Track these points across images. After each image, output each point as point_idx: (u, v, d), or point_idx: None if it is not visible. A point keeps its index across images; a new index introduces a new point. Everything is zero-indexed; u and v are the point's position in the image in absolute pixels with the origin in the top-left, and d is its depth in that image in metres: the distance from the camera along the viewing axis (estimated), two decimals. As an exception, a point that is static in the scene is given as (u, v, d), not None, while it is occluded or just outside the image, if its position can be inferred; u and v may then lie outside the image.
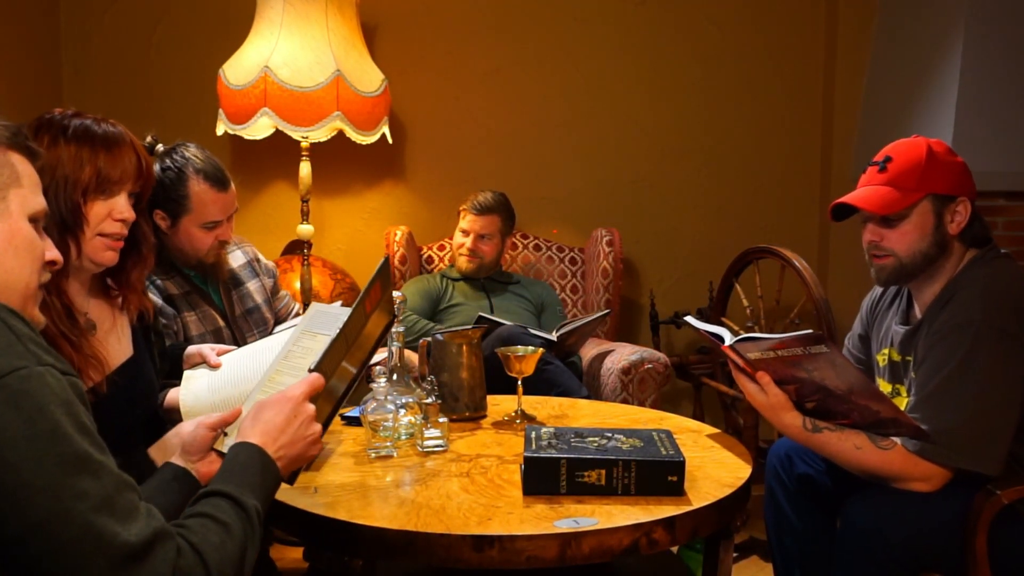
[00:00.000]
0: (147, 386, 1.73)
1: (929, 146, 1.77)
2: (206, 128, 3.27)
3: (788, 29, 3.74)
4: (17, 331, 0.96)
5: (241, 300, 2.42)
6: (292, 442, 1.27)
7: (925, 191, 1.74)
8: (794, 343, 1.60)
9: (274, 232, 3.55)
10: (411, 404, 1.82)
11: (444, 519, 1.41)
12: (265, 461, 1.22)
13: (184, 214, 2.19)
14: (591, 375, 2.97)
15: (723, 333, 1.75)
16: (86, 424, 0.96)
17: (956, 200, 1.75)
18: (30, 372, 0.93)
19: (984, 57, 3.14)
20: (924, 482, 1.65)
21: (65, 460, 0.91)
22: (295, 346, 1.55)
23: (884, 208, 1.75)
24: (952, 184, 1.75)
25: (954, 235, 1.77)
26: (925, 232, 1.75)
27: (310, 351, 1.50)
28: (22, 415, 0.90)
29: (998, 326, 1.64)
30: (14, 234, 1.05)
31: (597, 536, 1.37)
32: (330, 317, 1.58)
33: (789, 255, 2.92)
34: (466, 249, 3.20)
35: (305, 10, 3.05)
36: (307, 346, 1.53)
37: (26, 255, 1.06)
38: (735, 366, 1.76)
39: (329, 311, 1.63)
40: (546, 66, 3.66)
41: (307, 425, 1.29)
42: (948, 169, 1.76)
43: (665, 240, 3.77)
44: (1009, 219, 3.18)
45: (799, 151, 3.79)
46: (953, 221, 1.76)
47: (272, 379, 1.49)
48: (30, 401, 0.91)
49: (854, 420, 1.68)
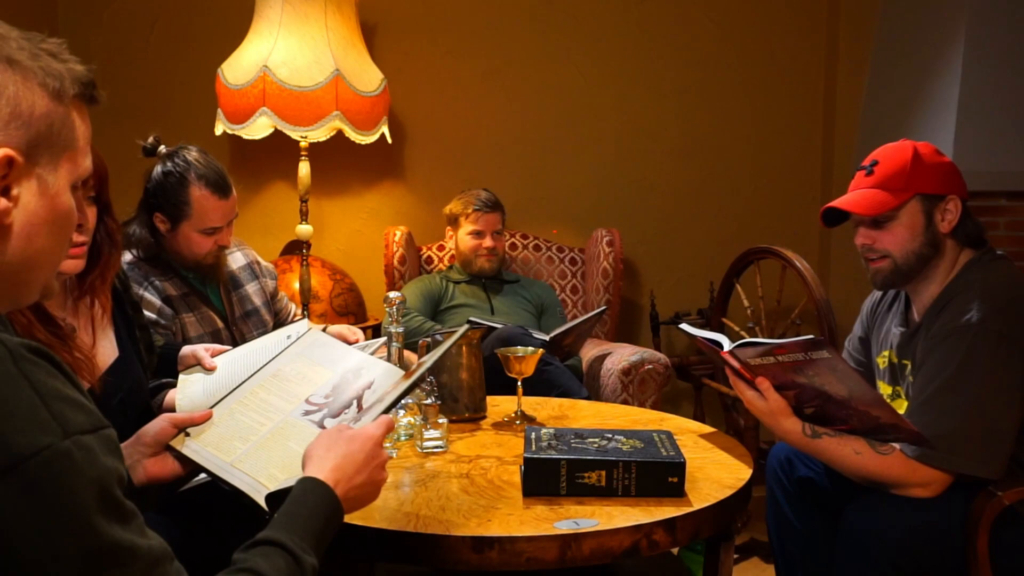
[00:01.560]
0: (137, 384, 1.72)
1: (915, 148, 1.78)
2: (205, 128, 3.26)
3: (789, 29, 3.74)
4: (40, 386, 0.77)
5: (240, 302, 2.41)
6: (364, 484, 1.17)
7: (913, 191, 1.75)
8: (795, 348, 1.59)
9: (273, 232, 3.54)
10: (410, 405, 1.82)
11: (444, 520, 1.40)
12: (335, 507, 1.12)
13: (184, 219, 2.19)
14: (591, 376, 2.96)
15: (721, 339, 1.75)
16: (116, 497, 0.80)
17: (945, 199, 1.76)
18: (53, 453, 0.76)
19: (985, 58, 3.13)
20: (923, 488, 1.64)
21: (91, 555, 0.77)
22: (288, 367, 1.50)
23: (871, 209, 1.76)
24: (940, 183, 1.76)
25: (946, 233, 1.77)
26: (916, 232, 1.76)
27: (307, 380, 1.47)
28: (42, 507, 0.75)
29: (996, 329, 1.64)
30: (54, 210, 0.87)
31: (597, 537, 1.36)
32: (331, 350, 1.54)
33: (790, 255, 2.92)
34: (485, 249, 3.15)
35: (304, 9, 3.04)
36: (304, 373, 1.49)
37: (61, 232, 0.89)
38: (732, 372, 1.75)
39: (333, 345, 1.58)
40: (546, 66, 3.66)
41: (380, 470, 1.20)
42: (935, 169, 1.77)
43: (666, 240, 3.76)
44: (1010, 219, 3.18)
45: (800, 151, 3.79)
46: (944, 220, 1.76)
47: (255, 393, 1.45)
48: (52, 489, 0.75)
49: (853, 426, 1.68)
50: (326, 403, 1.44)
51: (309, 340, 1.58)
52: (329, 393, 1.46)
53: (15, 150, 0.82)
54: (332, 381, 1.48)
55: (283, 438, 1.37)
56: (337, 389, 1.47)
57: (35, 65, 0.84)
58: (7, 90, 0.82)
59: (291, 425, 1.40)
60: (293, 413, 1.42)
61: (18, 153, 0.82)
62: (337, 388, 1.47)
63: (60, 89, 0.86)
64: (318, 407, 1.43)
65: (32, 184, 0.84)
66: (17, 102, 0.83)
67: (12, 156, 0.82)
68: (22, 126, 0.83)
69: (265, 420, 1.40)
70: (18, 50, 0.84)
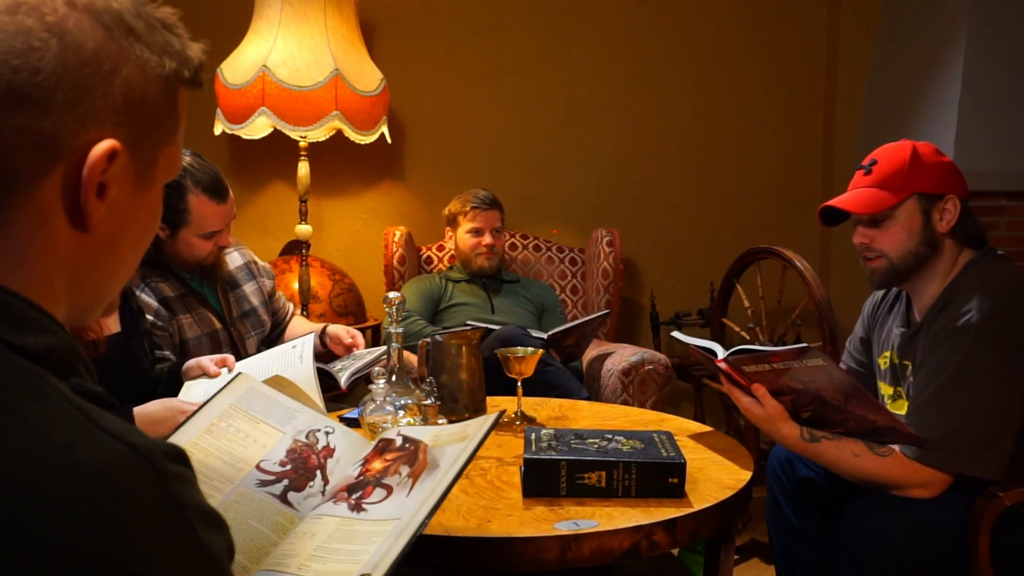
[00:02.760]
0: (137, 360, 1.74)
1: (914, 147, 1.77)
2: (203, 128, 3.25)
3: (790, 28, 3.73)
4: (188, 511, 0.62)
5: (238, 302, 2.41)
6: None
7: (911, 190, 1.74)
8: (789, 355, 1.59)
9: (272, 232, 3.53)
10: (410, 406, 1.81)
11: (443, 521, 1.39)
12: None
13: (183, 226, 2.19)
14: (591, 376, 2.95)
15: (714, 347, 1.74)
16: None
17: (944, 198, 1.75)
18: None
19: (986, 57, 3.13)
20: (924, 488, 1.64)
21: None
22: (223, 423, 1.30)
23: (868, 208, 1.76)
24: (938, 183, 1.75)
25: (944, 233, 1.76)
26: (913, 231, 1.75)
27: (252, 440, 1.29)
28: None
29: (996, 329, 1.63)
30: (145, 215, 0.73)
31: (597, 538, 1.36)
32: (273, 404, 1.36)
33: (791, 255, 2.91)
34: (484, 247, 3.14)
35: (303, 9, 3.04)
36: (246, 432, 1.30)
37: (146, 240, 0.76)
38: (728, 379, 1.74)
39: (273, 397, 1.39)
40: (546, 65, 3.65)
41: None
42: (934, 168, 1.76)
43: (666, 240, 3.75)
44: (1012, 219, 3.17)
45: (801, 151, 3.78)
46: (943, 219, 1.75)
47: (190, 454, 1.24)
48: None
49: (850, 429, 1.67)
50: (284, 472, 1.26)
51: (242, 389, 1.37)
52: (285, 460, 1.28)
53: (121, 142, 0.67)
54: (284, 444, 1.31)
55: (242, 515, 1.18)
56: (293, 455, 1.30)
57: (152, 39, 0.70)
58: (122, 71, 0.67)
59: (247, 499, 1.21)
60: (245, 483, 1.23)
61: (124, 146, 0.67)
62: (293, 454, 1.30)
63: (175, 72, 0.71)
64: (275, 476, 1.25)
65: (128, 184, 0.69)
66: (131, 85, 0.67)
67: (117, 149, 0.66)
68: (132, 114, 0.68)
69: (211, 491, 1.19)
70: (135, 17, 0.69)
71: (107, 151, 0.65)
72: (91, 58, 0.65)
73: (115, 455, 0.58)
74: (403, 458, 1.25)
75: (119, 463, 0.57)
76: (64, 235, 0.66)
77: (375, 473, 1.24)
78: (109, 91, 0.66)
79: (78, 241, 0.67)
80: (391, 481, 1.21)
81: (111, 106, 0.66)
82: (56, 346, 0.64)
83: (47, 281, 0.67)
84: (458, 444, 1.22)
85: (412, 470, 1.21)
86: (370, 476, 1.23)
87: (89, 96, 0.65)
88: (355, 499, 1.20)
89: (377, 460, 1.27)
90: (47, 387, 0.59)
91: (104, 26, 0.66)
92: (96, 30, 0.66)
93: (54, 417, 0.58)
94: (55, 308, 0.67)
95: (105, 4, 0.67)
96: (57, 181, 0.65)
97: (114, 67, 0.66)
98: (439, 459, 1.21)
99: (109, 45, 0.66)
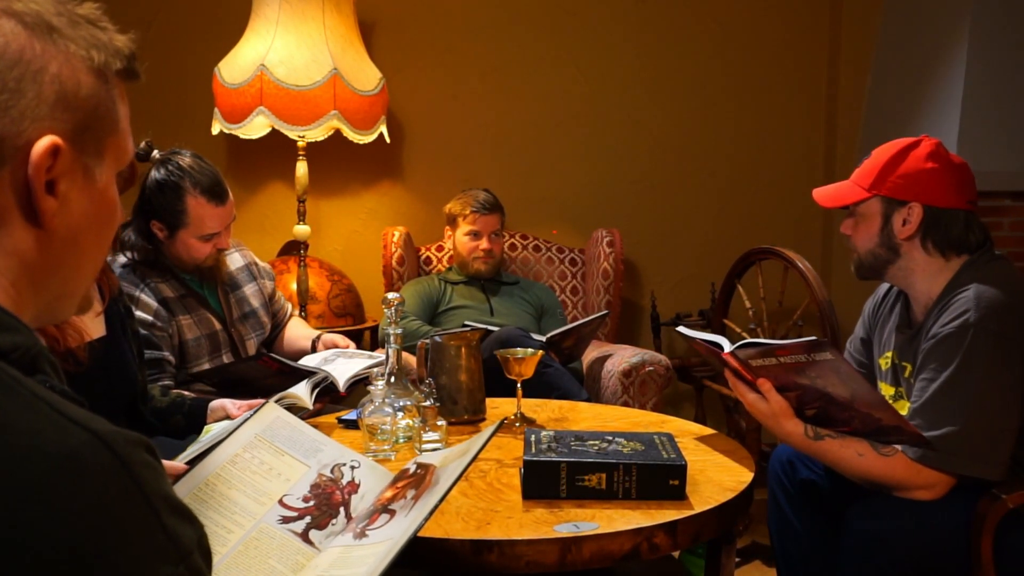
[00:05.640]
0: (123, 365, 1.72)
1: (906, 147, 1.76)
2: (201, 127, 3.24)
3: (791, 27, 3.72)
4: (153, 498, 0.63)
5: (239, 303, 2.40)
6: None
7: (875, 192, 1.77)
8: (797, 349, 1.58)
9: (271, 232, 3.52)
10: (409, 407, 1.80)
11: (442, 523, 1.38)
12: None
13: (182, 227, 2.18)
14: (591, 378, 2.94)
15: (720, 340, 1.73)
16: None
17: (907, 205, 1.74)
18: None
19: (989, 57, 3.12)
20: (927, 490, 1.63)
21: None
22: (247, 454, 1.28)
23: (832, 201, 1.83)
24: (905, 188, 1.74)
25: (902, 239, 1.76)
26: (872, 232, 1.79)
27: (276, 473, 1.26)
28: None
29: (994, 329, 1.62)
30: (103, 206, 0.75)
31: (598, 541, 1.35)
32: (299, 435, 1.33)
33: (792, 256, 2.90)
34: (482, 251, 3.13)
35: (302, 8, 3.02)
36: (271, 464, 1.27)
37: (108, 231, 0.78)
38: (733, 374, 1.73)
39: (299, 428, 1.36)
40: (546, 65, 3.64)
41: None
42: (910, 173, 1.74)
43: (667, 241, 3.74)
44: (1015, 219, 3.16)
45: (802, 151, 3.77)
46: (904, 225, 1.75)
47: (213, 487, 1.22)
48: None
49: (855, 428, 1.66)
50: (306, 509, 1.23)
51: (269, 418, 1.34)
52: (308, 496, 1.25)
53: (62, 137, 0.69)
54: (308, 479, 1.28)
55: (262, 554, 1.15)
56: (317, 491, 1.26)
57: (77, 35, 0.72)
58: (50, 67, 0.69)
59: (268, 536, 1.18)
60: (267, 518, 1.20)
61: (65, 141, 0.69)
62: (317, 489, 1.27)
63: (105, 64, 0.73)
64: (297, 513, 1.22)
65: (78, 177, 0.71)
66: (62, 81, 0.69)
67: (59, 144, 0.68)
68: (68, 109, 0.70)
69: (232, 525, 1.18)
70: (56, 15, 0.71)
71: (48, 147, 0.67)
72: (17, 60, 0.67)
73: (79, 442, 0.58)
74: (412, 483, 1.25)
75: (83, 450, 0.58)
76: (22, 234, 0.69)
77: (384, 501, 1.24)
78: (40, 90, 0.68)
79: (37, 238, 0.69)
80: (396, 506, 1.21)
81: (45, 104, 0.68)
82: (21, 344, 0.65)
83: (9, 281, 0.69)
84: (459, 460, 1.22)
85: (416, 492, 1.21)
86: (379, 505, 1.23)
87: (21, 97, 0.67)
88: (360, 528, 1.19)
89: (389, 490, 1.27)
90: (10, 379, 0.60)
91: (26, 27, 0.68)
92: (19, 32, 0.68)
93: (18, 407, 0.59)
94: (21, 307, 0.69)
95: (24, 5, 0.69)
96: (7, 183, 0.67)
97: (42, 66, 0.68)
98: (442, 477, 1.21)
99: (34, 45, 0.68)
